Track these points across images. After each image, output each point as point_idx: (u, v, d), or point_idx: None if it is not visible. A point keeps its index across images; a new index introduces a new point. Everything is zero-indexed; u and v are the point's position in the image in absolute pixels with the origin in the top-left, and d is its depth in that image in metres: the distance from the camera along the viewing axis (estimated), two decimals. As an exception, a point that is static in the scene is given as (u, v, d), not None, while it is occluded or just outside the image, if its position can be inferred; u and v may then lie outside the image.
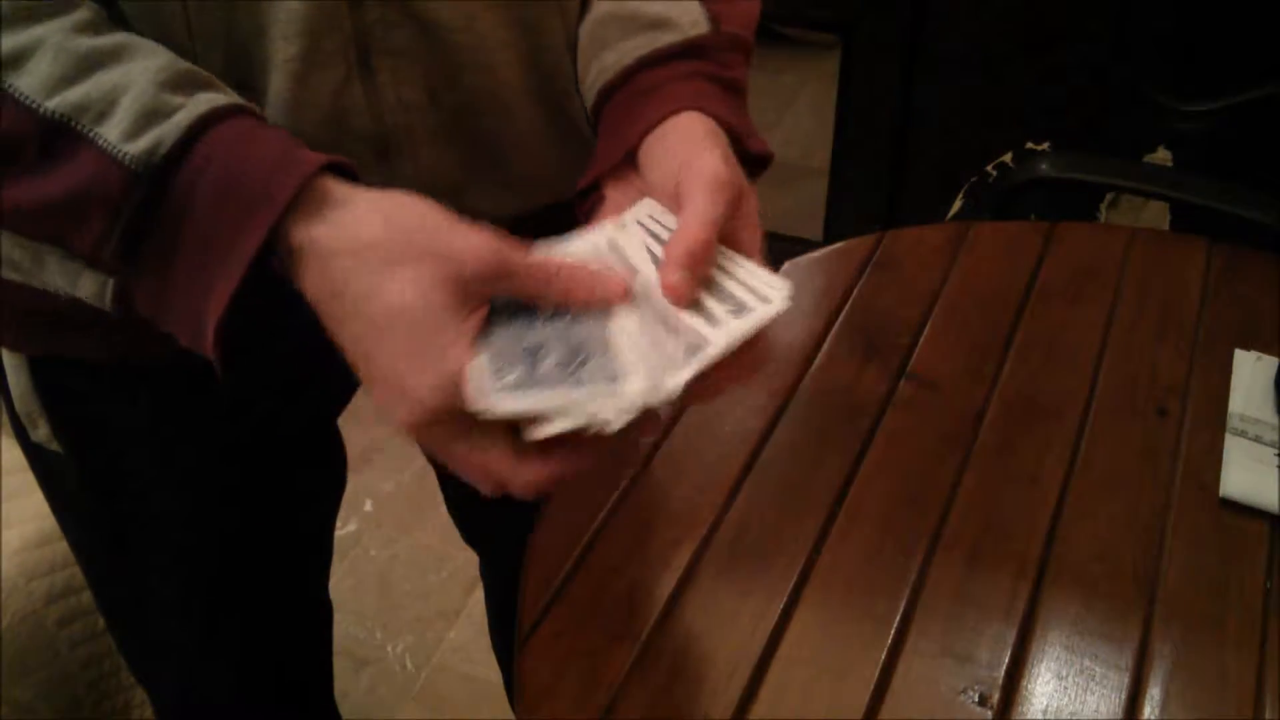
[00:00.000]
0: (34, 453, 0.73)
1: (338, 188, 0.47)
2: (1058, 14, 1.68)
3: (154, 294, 0.48)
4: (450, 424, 0.46)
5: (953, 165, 1.77)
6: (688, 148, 0.54)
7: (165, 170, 0.45)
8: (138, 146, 0.45)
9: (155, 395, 0.69)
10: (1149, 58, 1.59)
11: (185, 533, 0.75)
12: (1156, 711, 0.60)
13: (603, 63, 0.61)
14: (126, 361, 0.66)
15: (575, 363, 0.47)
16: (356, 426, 0.87)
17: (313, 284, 0.47)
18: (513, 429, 0.47)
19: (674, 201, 0.53)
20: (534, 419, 0.45)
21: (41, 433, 0.70)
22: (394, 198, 0.48)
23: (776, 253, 0.55)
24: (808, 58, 2.78)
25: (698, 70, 0.59)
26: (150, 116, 0.46)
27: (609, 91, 0.60)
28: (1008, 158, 1.69)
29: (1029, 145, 1.70)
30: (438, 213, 0.48)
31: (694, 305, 0.49)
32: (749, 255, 0.53)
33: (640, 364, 0.47)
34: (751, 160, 0.59)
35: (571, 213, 0.71)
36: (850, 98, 1.94)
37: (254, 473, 0.75)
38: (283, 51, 0.55)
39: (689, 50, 0.59)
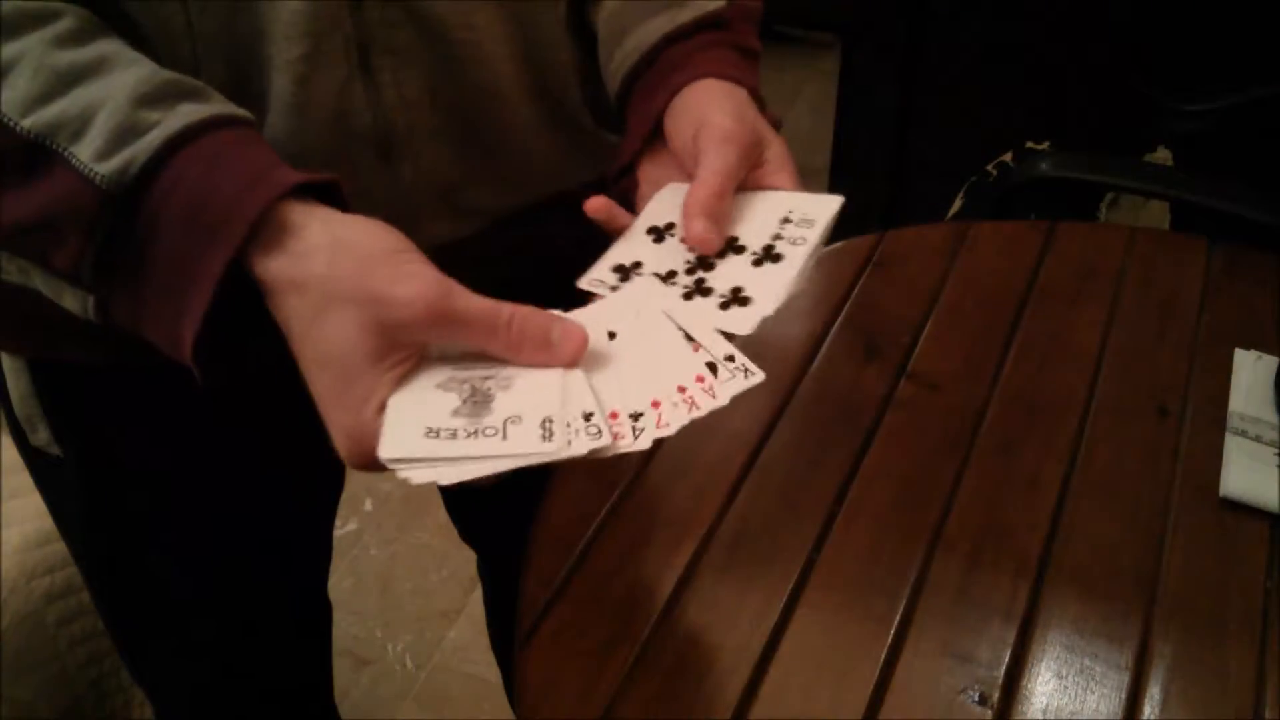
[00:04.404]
0: (33, 457, 0.73)
1: (299, 213, 0.47)
2: (1058, 14, 1.68)
3: (131, 311, 0.48)
4: (377, 463, 0.46)
5: (953, 165, 1.77)
6: (700, 110, 0.56)
7: (136, 190, 0.45)
8: (109, 166, 0.45)
9: (154, 398, 0.69)
10: (1149, 58, 1.59)
11: (184, 534, 0.75)
12: (1156, 711, 0.60)
13: (625, 48, 0.62)
14: (125, 365, 0.66)
15: (481, 410, 0.46)
16: (356, 426, 0.87)
17: (273, 314, 0.48)
18: None
19: (692, 161, 0.55)
20: (428, 478, 0.45)
21: (41, 437, 0.70)
22: (350, 228, 0.47)
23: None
24: (808, 57, 2.78)
25: (719, 40, 0.61)
26: (124, 135, 0.45)
27: (635, 74, 0.61)
28: (1008, 158, 1.69)
29: (1029, 145, 1.70)
30: (390, 249, 0.47)
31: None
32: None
33: (551, 409, 0.46)
34: None
35: (571, 205, 0.72)
36: (850, 98, 1.94)
37: (253, 473, 0.75)
38: (285, 53, 0.55)
39: (709, 23, 0.61)
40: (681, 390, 0.48)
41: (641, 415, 0.46)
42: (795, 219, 0.55)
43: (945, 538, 0.70)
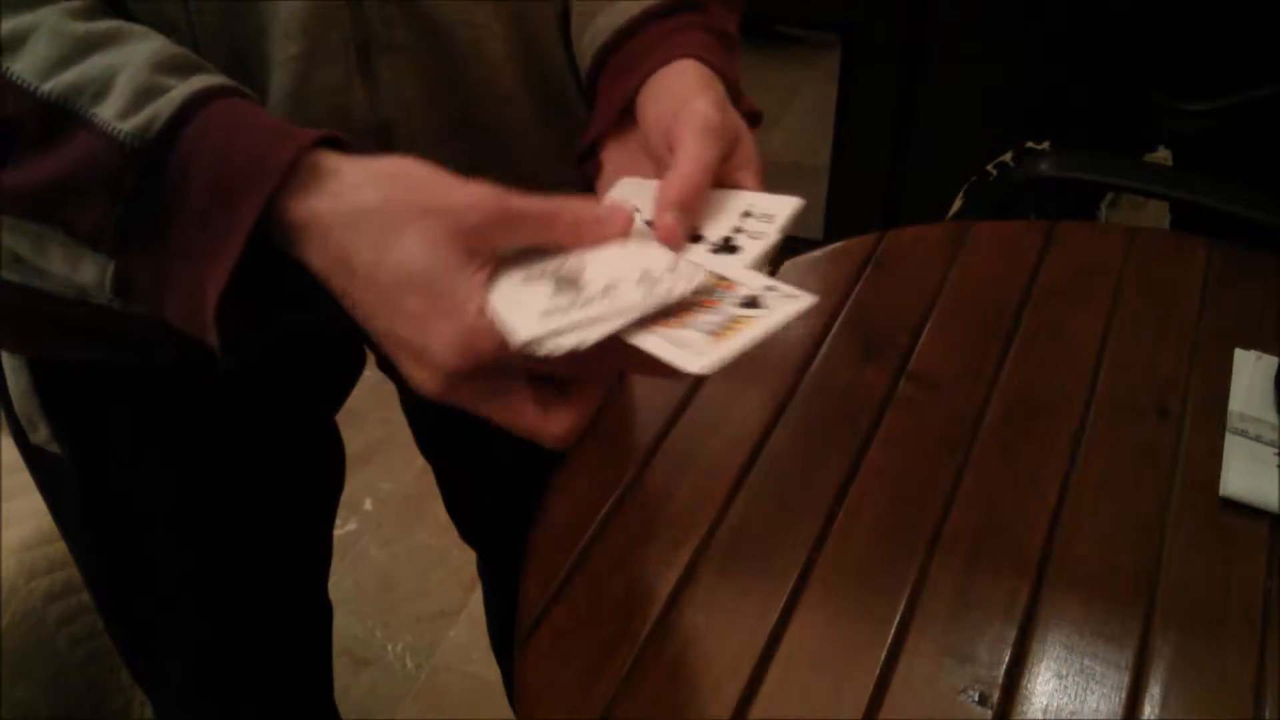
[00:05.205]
0: (33, 455, 0.73)
1: (331, 159, 0.47)
2: (1058, 14, 1.68)
3: (153, 274, 0.48)
4: (475, 382, 0.46)
5: (953, 165, 1.77)
6: (680, 93, 0.55)
7: (161, 146, 0.45)
8: (133, 123, 0.45)
9: (154, 397, 0.69)
10: (1149, 58, 1.59)
11: (183, 533, 0.75)
12: (1156, 711, 0.60)
13: (596, 27, 0.61)
14: (126, 363, 0.66)
15: (574, 288, 0.48)
16: (356, 426, 0.87)
17: (318, 258, 0.47)
18: (534, 380, 0.48)
19: (666, 147, 0.54)
20: (574, 342, 0.45)
21: (41, 435, 0.70)
22: (388, 162, 0.48)
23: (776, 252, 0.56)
24: (808, 57, 2.78)
25: (694, 22, 0.59)
26: (146, 94, 0.46)
27: (605, 53, 0.60)
28: (1008, 158, 1.69)
29: (1029, 145, 1.70)
30: (430, 172, 0.48)
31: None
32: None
33: (638, 267, 0.49)
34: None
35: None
36: (850, 97, 1.94)
37: (253, 472, 0.75)
38: (284, 50, 0.55)
39: (682, 5, 0.60)
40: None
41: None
42: (755, 214, 0.54)
43: (945, 538, 0.70)
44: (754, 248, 0.52)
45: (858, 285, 0.91)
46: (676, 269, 0.48)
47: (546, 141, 0.68)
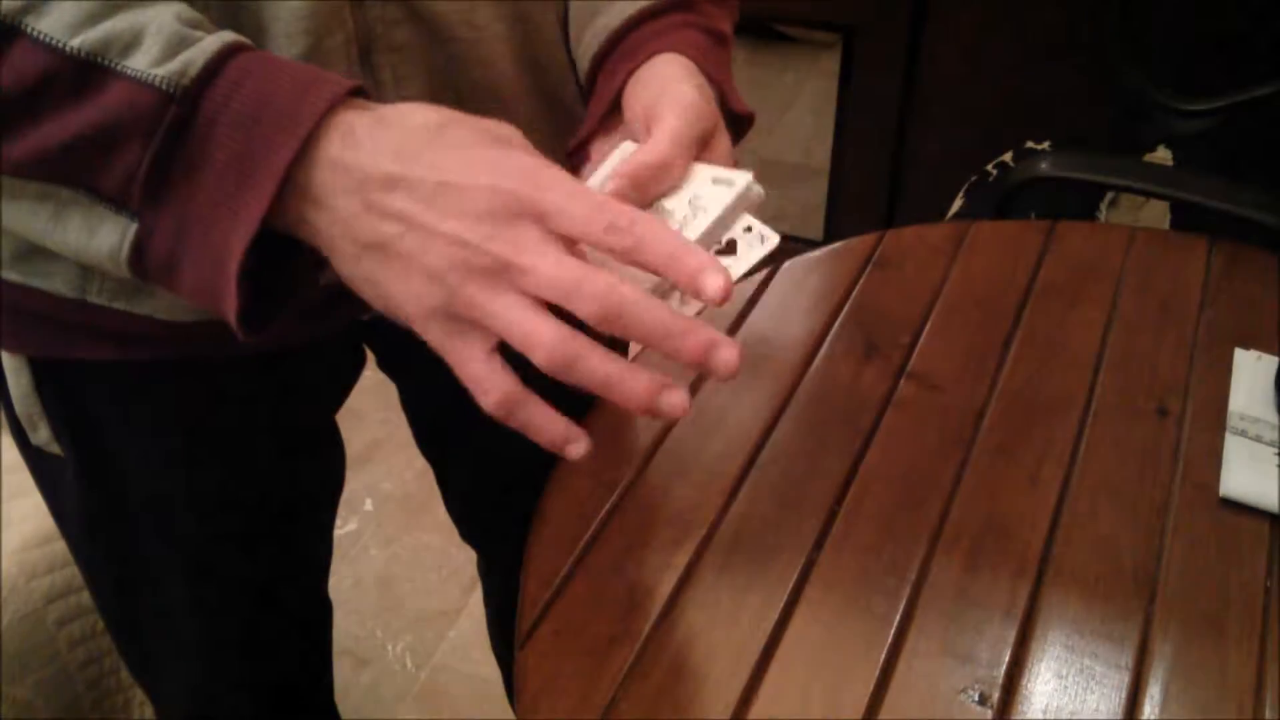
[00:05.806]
0: (34, 456, 0.73)
1: (368, 103, 0.47)
2: (1058, 14, 1.68)
3: (176, 230, 0.47)
4: (535, 230, 0.46)
5: (953, 165, 1.77)
6: (663, 80, 0.56)
7: (197, 90, 0.45)
8: (168, 69, 0.45)
9: (154, 397, 0.69)
10: (1149, 57, 1.59)
11: (185, 533, 0.75)
12: (1156, 711, 0.60)
13: (594, 28, 0.62)
14: (126, 363, 0.66)
15: (677, 209, 0.51)
16: (356, 426, 0.87)
17: (367, 157, 0.46)
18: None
19: (646, 129, 0.54)
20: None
21: (42, 435, 0.70)
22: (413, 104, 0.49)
23: (776, 252, 0.56)
24: (808, 57, 2.78)
25: (685, 21, 0.60)
26: (178, 43, 0.46)
27: (603, 55, 0.61)
28: (1008, 158, 1.69)
29: (1029, 145, 1.70)
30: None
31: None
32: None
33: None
34: (732, 120, 0.60)
35: None
36: (850, 97, 1.94)
37: (253, 471, 0.75)
38: (286, 50, 0.55)
39: (676, 4, 0.61)
40: None
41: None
42: (717, 178, 0.54)
43: (945, 538, 0.70)
44: (714, 209, 0.52)
45: (858, 285, 0.91)
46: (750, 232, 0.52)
47: (548, 143, 0.68)
